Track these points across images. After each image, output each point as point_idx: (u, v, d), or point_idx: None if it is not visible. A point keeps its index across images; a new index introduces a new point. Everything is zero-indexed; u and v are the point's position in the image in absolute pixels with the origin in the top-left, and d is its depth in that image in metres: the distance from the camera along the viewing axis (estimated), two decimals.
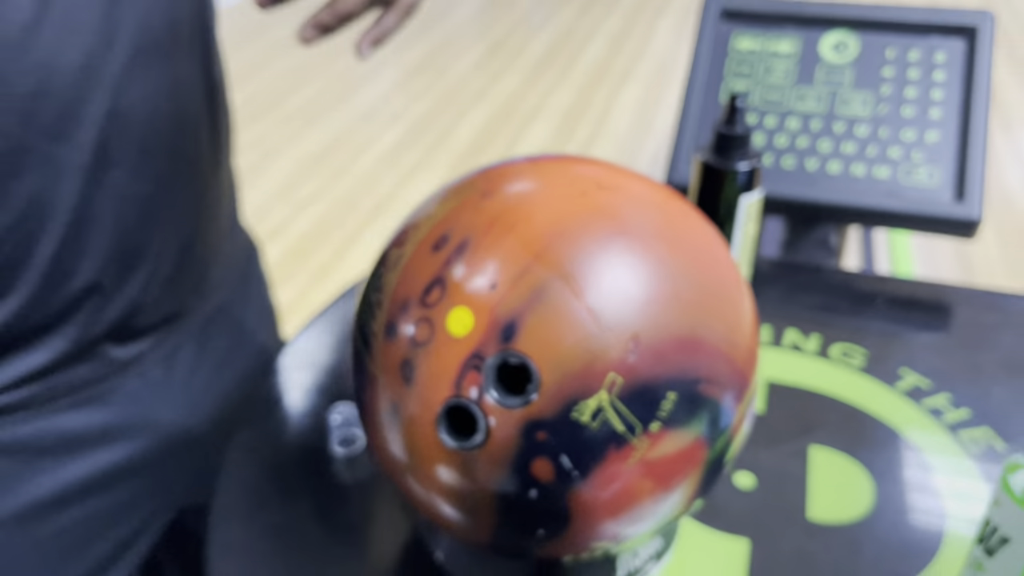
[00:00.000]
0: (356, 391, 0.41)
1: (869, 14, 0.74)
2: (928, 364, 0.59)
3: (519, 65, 3.45)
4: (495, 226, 0.36)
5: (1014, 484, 0.38)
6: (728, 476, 0.51)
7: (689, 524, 0.49)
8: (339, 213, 2.37)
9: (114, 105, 0.47)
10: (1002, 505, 0.38)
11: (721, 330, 0.37)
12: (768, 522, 0.48)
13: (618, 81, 3.30)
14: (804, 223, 0.78)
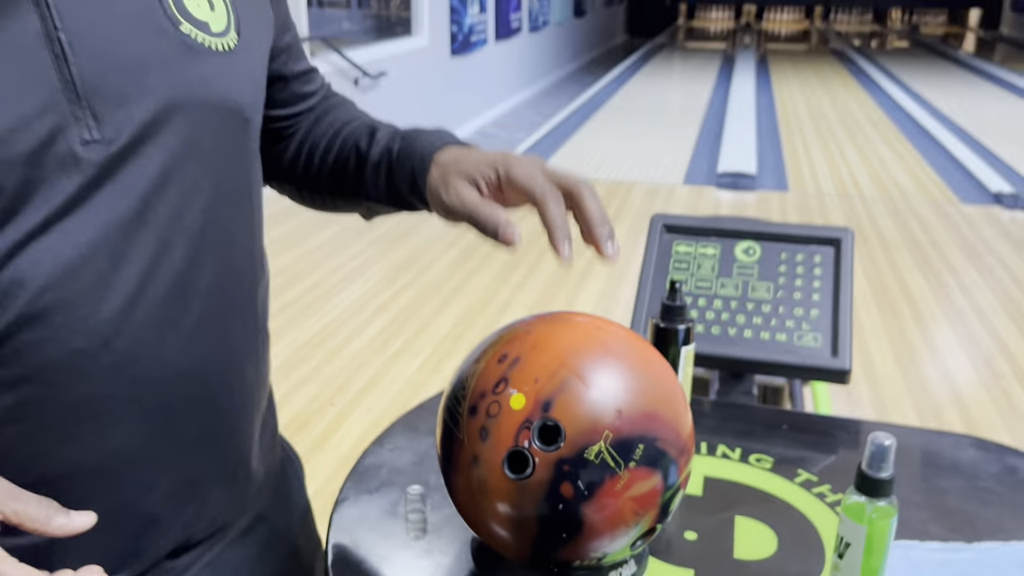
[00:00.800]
0: (443, 454, 0.64)
1: (769, 229, 1.06)
2: (816, 466, 0.84)
3: (490, 264, 3.83)
4: (535, 348, 0.62)
5: (848, 504, 0.62)
6: (680, 531, 0.74)
7: (654, 561, 0.71)
8: (331, 392, 2.60)
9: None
10: (844, 522, 0.62)
11: (669, 413, 0.63)
12: (707, 559, 0.71)
13: (579, 279, 3.67)
14: (732, 375, 1.05)
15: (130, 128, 0.54)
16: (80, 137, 0.52)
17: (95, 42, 0.53)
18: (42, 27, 0.51)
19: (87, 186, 0.53)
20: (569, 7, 10.82)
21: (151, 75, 0.55)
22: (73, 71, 0.51)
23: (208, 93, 0.59)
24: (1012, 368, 2.90)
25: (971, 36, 15.64)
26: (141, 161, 0.55)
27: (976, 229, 4.39)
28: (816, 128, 7.02)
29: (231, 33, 0.61)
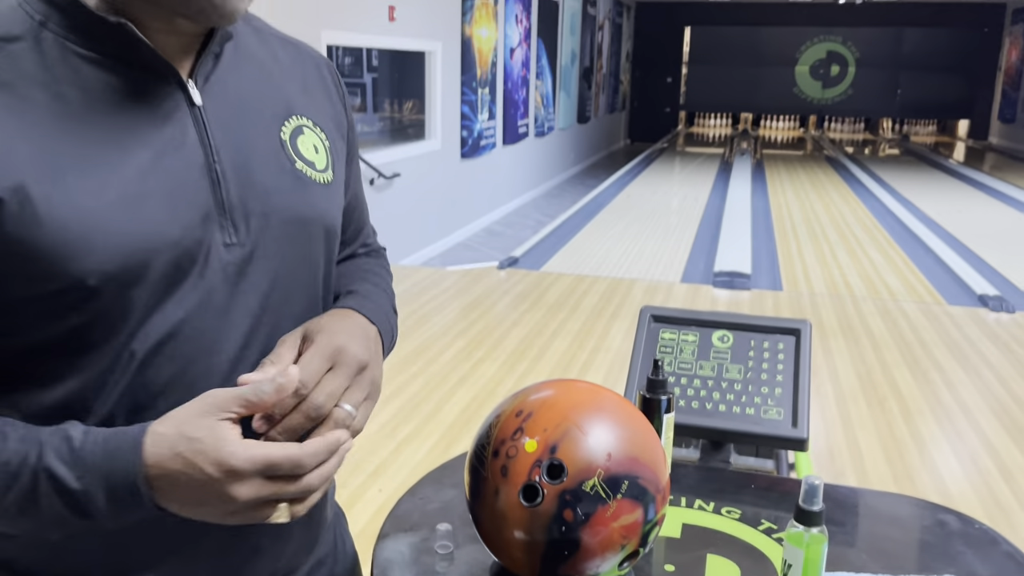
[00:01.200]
0: (471, 489, 0.81)
1: (740, 320, 1.24)
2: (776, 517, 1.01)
3: (497, 355, 4.00)
4: (544, 406, 0.80)
5: (789, 533, 0.79)
6: (661, 565, 0.90)
7: None
8: (345, 475, 2.74)
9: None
10: (787, 548, 0.79)
11: (650, 460, 0.80)
12: None
13: (581, 371, 3.84)
14: (711, 444, 1.21)
15: (258, 235, 0.73)
16: (224, 241, 0.71)
17: (239, 173, 0.72)
18: (205, 160, 0.71)
19: (226, 275, 0.72)
20: (573, 114, 11.34)
21: (275, 198, 0.75)
22: (223, 193, 0.71)
23: (313, 213, 0.78)
24: (996, 465, 3.03)
25: (961, 145, 16.23)
26: (264, 259, 0.74)
27: (962, 330, 4.58)
28: (810, 231, 7.31)
29: (329, 171, 0.82)
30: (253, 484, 0.62)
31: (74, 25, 0.66)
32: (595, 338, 4.31)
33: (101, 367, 0.67)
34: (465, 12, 6.97)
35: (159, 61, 0.69)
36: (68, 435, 0.63)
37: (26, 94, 0.64)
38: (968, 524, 0.99)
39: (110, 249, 0.64)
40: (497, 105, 8.05)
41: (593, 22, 12.22)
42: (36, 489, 0.62)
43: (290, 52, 0.84)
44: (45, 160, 0.63)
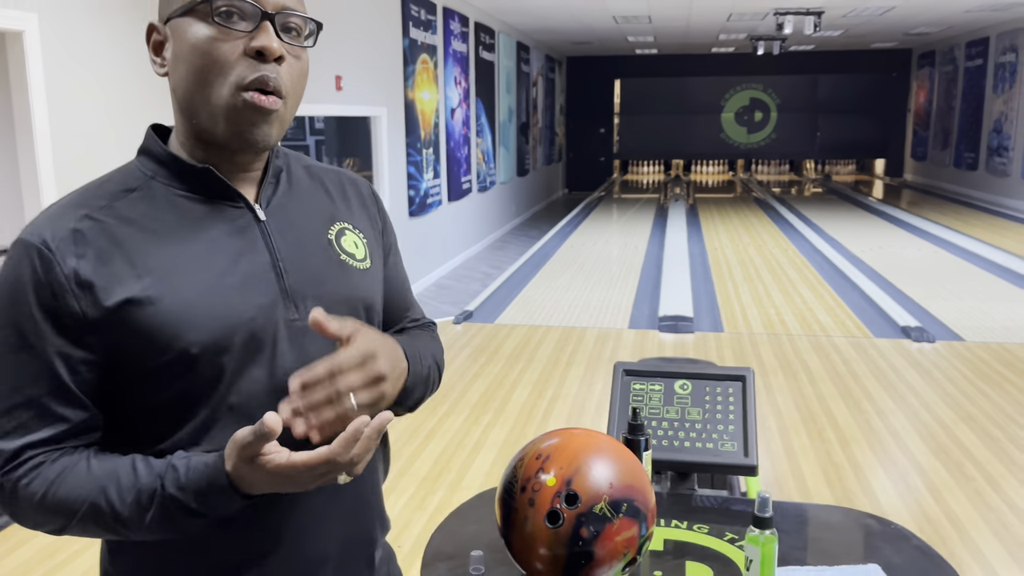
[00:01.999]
0: (503, 518, 1.04)
1: (695, 370, 1.50)
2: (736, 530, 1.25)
3: (460, 408, 4.21)
4: (558, 449, 1.04)
5: (749, 536, 1.03)
6: (651, 571, 1.14)
7: None
8: None
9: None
10: (747, 547, 1.03)
11: (641, 487, 1.04)
12: None
13: (543, 419, 4.07)
14: (679, 475, 1.46)
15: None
16: (286, 318, 0.96)
17: (297, 267, 0.98)
18: (270, 260, 0.96)
19: (292, 343, 0.96)
20: (513, 167, 11.72)
21: (326, 283, 1.00)
22: (285, 282, 0.96)
23: (355, 292, 1.02)
24: (925, 484, 3.35)
25: (879, 183, 17.15)
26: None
27: (888, 360, 4.96)
28: (745, 272, 7.72)
29: (367, 260, 1.07)
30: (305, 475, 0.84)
31: (174, 174, 0.95)
32: (553, 386, 4.55)
33: (204, 417, 0.91)
34: (407, 77, 7.28)
35: (234, 192, 0.96)
36: (177, 467, 0.87)
37: (144, 225, 0.92)
38: (886, 525, 1.25)
39: (205, 326, 0.89)
40: (441, 164, 8.35)
41: (527, 79, 12.70)
42: (165, 508, 0.87)
43: (332, 177, 1.11)
44: (161, 269, 0.90)
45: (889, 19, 11.80)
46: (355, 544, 1.04)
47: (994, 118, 12.91)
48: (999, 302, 6.36)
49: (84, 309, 0.87)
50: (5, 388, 0.88)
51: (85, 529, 0.90)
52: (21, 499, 0.88)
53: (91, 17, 3.67)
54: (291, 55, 0.93)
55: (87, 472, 0.88)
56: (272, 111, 0.91)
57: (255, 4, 0.90)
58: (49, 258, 0.87)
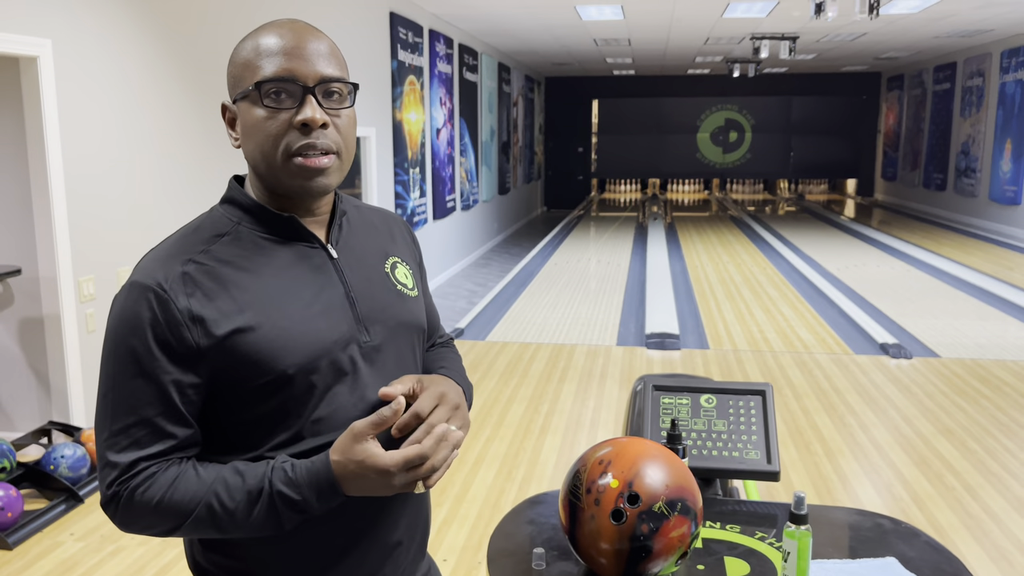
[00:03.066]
0: (569, 518, 1.16)
1: (720, 386, 1.64)
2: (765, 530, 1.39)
3: None
4: (618, 456, 1.17)
5: (786, 531, 1.17)
6: (695, 565, 1.27)
7: None
8: None
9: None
10: (785, 541, 1.17)
11: (691, 489, 1.17)
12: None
13: (539, 433, 4.20)
14: (704, 481, 1.60)
15: (381, 335, 1.12)
16: (360, 341, 1.10)
17: (365, 297, 1.12)
18: (344, 291, 1.11)
19: (366, 361, 1.10)
20: (495, 186, 11.88)
21: (389, 310, 1.15)
22: (357, 311, 1.11)
23: (411, 317, 1.18)
24: (908, 493, 3.51)
25: (851, 202, 17.55)
26: (386, 351, 1.12)
27: (869, 376, 5.15)
28: (726, 290, 7.92)
29: (415, 289, 1.23)
30: (400, 475, 0.99)
31: (260, 220, 1.10)
32: (548, 402, 4.68)
33: (295, 429, 1.05)
34: (395, 98, 7.42)
35: (311, 236, 1.12)
36: (284, 468, 1.01)
37: (240, 265, 1.07)
38: (897, 524, 1.39)
39: (299, 351, 1.04)
40: (427, 183, 8.48)
41: (508, 99, 12.89)
42: (273, 504, 1.00)
43: (378, 215, 1.28)
44: (258, 303, 1.04)
45: (860, 44, 12.16)
46: (416, 530, 1.19)
47: (962, 140, 13.31)
48: (971, 320, 6.61)
49: (197, 340, 1.01)
50: (123, 410, 1.02)
51: (194, 529, 1.02)
52: (136, 505, 1.01)
53: (103, 43, 3.77)
54: (334, 116, 1.07)
55: (197, 478, 1.02)
56: (324, 168, 1.06)
57: (296, 82, 1.04)
58: (165, 298, 1.01)
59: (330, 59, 1.07)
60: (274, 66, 1.04)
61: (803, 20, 9.43)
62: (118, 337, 1.02)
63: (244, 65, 1.07)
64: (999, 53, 11.92)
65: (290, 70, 1.04)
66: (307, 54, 1.05)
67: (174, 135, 4.21)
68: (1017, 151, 11.27)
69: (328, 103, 1.06)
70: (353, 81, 1.10)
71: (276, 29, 1.07)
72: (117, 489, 1.01)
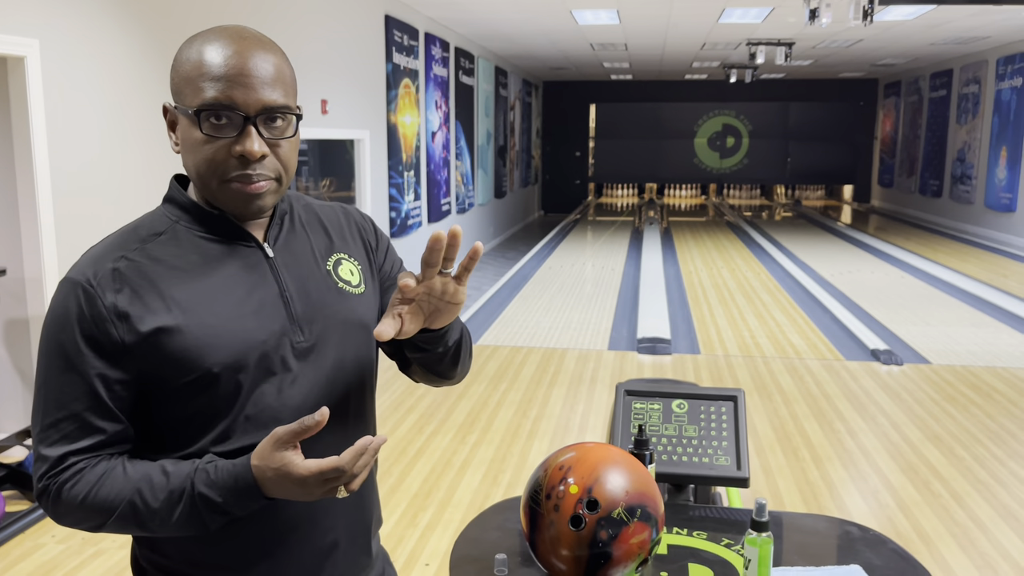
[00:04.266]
0: (529, 524, 1.15)
1: (691, 391, 1.63)
2: (732, 537, 1.38)
3: (447, 428, 4.31)
4: (578, 461, 1.16)
5: (748, 538, 1.16)
6: (657, 572, 1.26)
7: None
8: None
9: None
10: (746, 548, 1.16)
11: (652, 495, 1.16)
12: None
13: (527, 438, 4.18)
14: (675, 487, 1.59)
15: (317, 335, 1.11)
16: (293, 340, 1.10)
17: (301, 296, 1.12)
18: (279, 290, 1.11)
19: (299, 362, 1.09)
20: (491, 189, 11.88)
21: (326, 308, 1.14)
22: (292, 310, 1.11)
23: (351, 315, 1.16)
24: (895, 500, 3.50)
25: (847, 208, 17.55)
26: (322, 350, 1.11)
27: (859, 382, 5.14)
28: (719, 295, 7.92)
29: (362, 286, 1.21)
30: (317, 485, 0.98)
31: (196, 220, 1.10)
32: (537, 406, 4.67)
33: (223, 427, 1.06)
34: (390, 101, 7.42)
35: (246, 235, 1.12)
36: (207, 469, 1.01)
37: (172, 264, 1.07)
38: (865, 531, 1.38)
39: (225, 349, 1.04)
40: (422, 186, 8.47)
41: (505, 103, 12.90)
42: (194, 504, 1.00)
43: (327, 213, 1.26)
44: (187, 301, 1.05)
45: (857, 50, 12.17)
46: (357, 532, 1.18)
47: (958, 147, 13.32)
48: (964, 327, 6.60)
49: (122, 336, 1.02)
50: (53, 404, 1.04)
51: (120, 526, 1.03)
52: (64, 500, 1.03)
53: (90, 44, 3.76)
54: (275, 146, 1.06)
55: (124, 476, 1.03)
56: (260, 192, 1.06)
57: (237, 111, 1.02)
58: (92, 293, 1.03)
59: (275, 85, 1.05)
60: (215, 91, 1.02)
61: (798, 26, 9.44)
62: (49, 333, 1.04)
63: (186, 80, 1.04)
64: (995, 60, 11.94)
65: (231, 97, 1.02)
66: (250, 81, 1.02)
67: (161, 136, 4.20)
68: (1013, 158, 11.28)
69: (269, 131, 1.05)
70: (296, 113, 1.08)
71: (222, 44, 1.04)
72: (47, 483, 1.03)
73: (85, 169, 3.74)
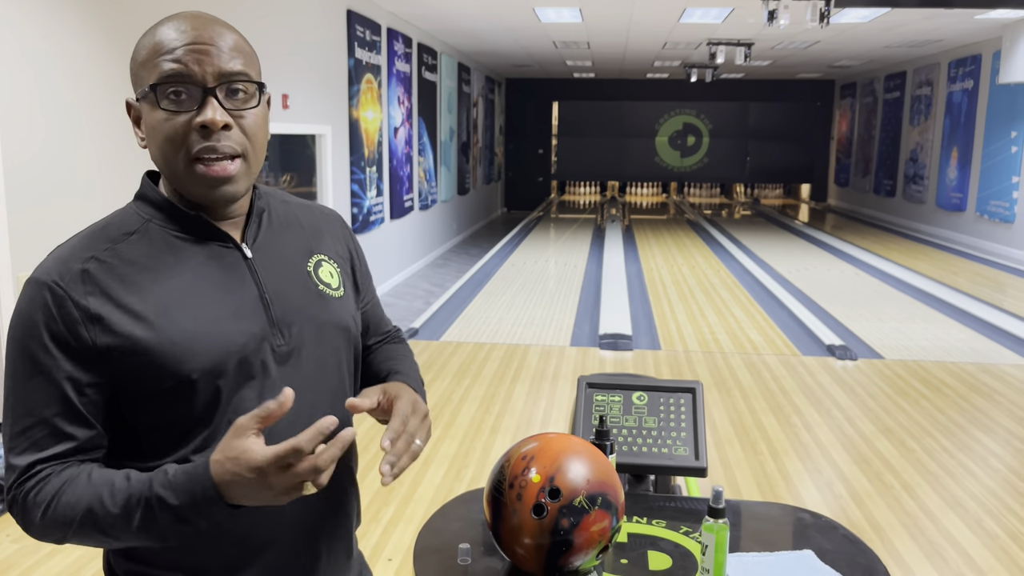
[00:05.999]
0: (492, 513, 1.18)
1: (650, 383, 1.67)
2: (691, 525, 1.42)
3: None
4: (540, 451, 1.18)
5: (705, 524, 1.19)
6: (618, 559, 1.29)
7: (606, 573, 1.26)
8: None
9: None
10: (703, 534, 1.19)
11: (613, 484, 1.19)
12: (634, 570, 1.26)
13: (490, 433, 4.21)
14: (635, 477, 1.62)
15: (299, 338, 1.09)
16: (273, 344, 1.08)
17: (281, 298, 1.10)
18: (258, 293, 1.08)
19: (279, 365, 1.07)
20: (454, 186, 11.87)
21: (306, 311, 1.12)
22: (272, 313, 1.08)
23: (331, 318, 1.14)
24: (848, 491, 3.59)
25: (804, 207, 17.86)
26: (303, 354, 1.09)
27: (815, 377, 5.25)
28: (679, 292, 8.01)
29: (341, 288, 1.20)
30: (275, 474, 0.90)
31: (169, 218, 1.06)
32: (500, 402, 4.70)
33: (204, 435, 1.02)
34: (352, 96, 7.38)
35: (222, 234, 1.08)
36: (167, 471, 0.95)
37: (145, 265, 1.03)
38: (817, 518, 1.43)
39: (203, 354, 1.00)
40: (384, 182, 8.44)
41: (468, 99, 12.89)
42: (151, 508, 0.94)
43: (306, 211, 1.24)
44: (161, 304, 1.01)
45: (814, 52, 12.39)
46: (339, 536, 1.16)
47: (911, 148, 13.63)
48: (915, 323, 6.77)
49: (94, 339, 0.98)
50: (21, 411, 0.99)
51: (82, 536, 0.97)
52: (30, 509, 0.97)
53: (45, 36, 3.69)
54: (239, 117, 1.03)
55: (87, 482, 0.97)
56: (229, 176, 1.03)
57: (195, 82, 1.00)
58: (61, 294, 0.98)
59: (233, 55, 1.02)
60: (171, 65, 1.00)
61: (757, 27, 9.58)
62: (15, 336, 1.00)
63: (142, 63, 1.02)
64: (947, 63, 12.23)
65: (188, 69, 1.00)
66: (208, 51, 1.01)
67: (118, 130, 4.14)
68: (963, 159, 11.57)
69: (231, 102, 1.02)
70: (259, 81, 1.05)
71: (176, 23, 1.02)
72: (15, 493, 0.98)
73: (40, 164, 3.67)
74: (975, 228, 11.27)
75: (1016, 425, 4.40)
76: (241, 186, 1.05)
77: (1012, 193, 10.23)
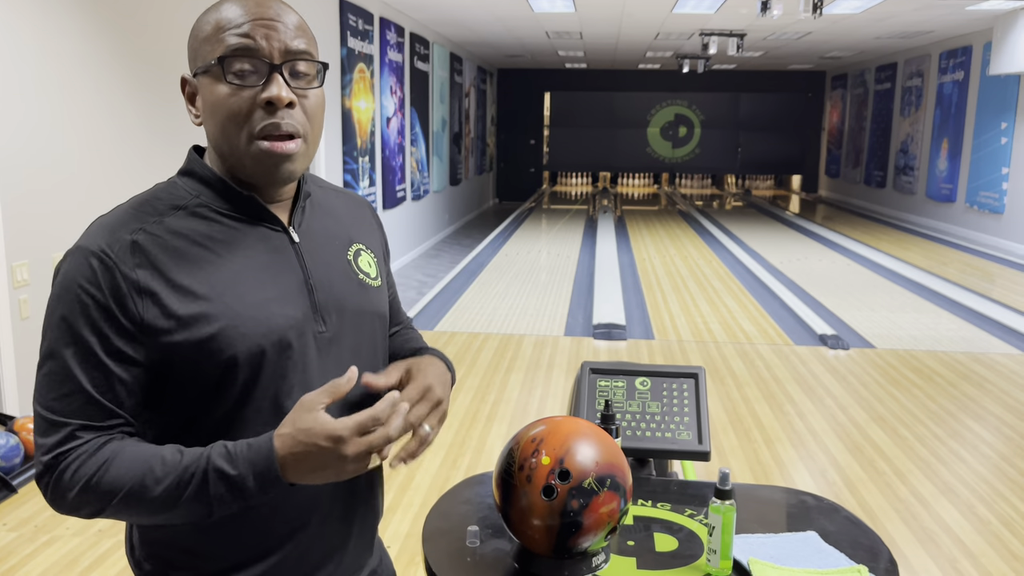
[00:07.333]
0: (502, 495, 1.19)
1: (654, 369, 1.68)
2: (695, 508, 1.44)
3: None
4: (550, 434, 1.20)
5: (712, 506, 1.21)
6: (625, 541, 1.31)
7: (614, 555, 1.27)
8: None
9: None
10: (710, 515, 1.21)
11: (621, 466, 1.21)
12: (641, 552, 1.28)
13: (486, 422, 4.22)
14: (638, 460, 1.64)
15: (339, 326, 1.11)
16: (315, 330, 1.08)
17: (324, 286, 1.10)
18: (303, 278, 1.09)
19: (320, 351, 1.08)
20: (446, 177, 11.86)
21: (347, 300, 1.13)
22: (315, 299, 1.09)
23: (371, 306, 1.17)
24: (841, 478, 3.62)
25: (795, 198, 17.91)
26: (343, 340, 1.11)
27: (808, 366, 5.28)
28: (672, 282, 8.04)
29: (379, 278, 1.21)
30: (353, 441, 0.93)
31: (221, 196, 1.06)
32: (495, 391, 4.71)
33: (241, 416, 1.02)
34: (345, 86, 7.36)
35: (273, 217, 1.08)
36: (224, 444, 0.96)
37: (195, 240, 1.02)
38: (819, 500, 1.45)
39: (249, 336, 1.00)
40: (377, 172, 8.43)
41: (460, 89, 12.86)
42: (207, 480, 0.94)
43: (343, 199, 1.24)
44: (211, 281, 1.00)
45: (805, 43, 12.41)
46: (367, 522, 1.18)
47: (901, 139, 13.69)
48: (906, 312, 6.82)
49: (141, 312, 0.97)
50: (57, 379, 0.97)
51: (122, 508, 0.96)
52: (67, 482, 0.95)
53: (35, 24, 3.67)
54: (302, 97, 1.03)
55: (134, 455, 0.96)
56: (289, 154, 1.02)
57: (262, 59, 1.00)
58: (110, 264, 0.96)
59: (298, 33, 1.03)
60: (239, 40, 0.99)
61: (750, 18, 9.59)
62: (57, 304, 0.98)
63: (206, 38, 1.02)
64: (937, 55, 12.28)
65: (256, 43, 1.00)
66: (275, 26, 1.01)
67: (109, 118, 4.12)
68: (953, 150, 11.63)
69: (295, 82, 1.02)
70: (322, 60, 1.05)
71: (240, 3, 1.02)
72: (51, 461, 0.96)
73: (31, 153, 3.65)
74: (965, 219, 11.34)
75: (1006, 413, 4.44)
76: (299, 167, 1.04)
77: (1002, 184, 10.30)
